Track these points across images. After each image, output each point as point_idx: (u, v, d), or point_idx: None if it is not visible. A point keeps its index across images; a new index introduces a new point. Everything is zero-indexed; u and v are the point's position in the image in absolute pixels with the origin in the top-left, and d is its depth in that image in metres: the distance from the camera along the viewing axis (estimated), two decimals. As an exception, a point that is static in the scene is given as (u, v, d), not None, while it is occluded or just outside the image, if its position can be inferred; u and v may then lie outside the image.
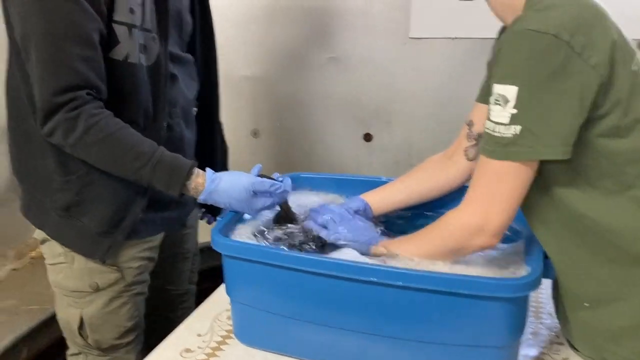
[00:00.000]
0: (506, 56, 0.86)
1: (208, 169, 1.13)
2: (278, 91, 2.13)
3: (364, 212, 1.22)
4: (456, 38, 1.94)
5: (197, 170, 1.12)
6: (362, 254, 1.06)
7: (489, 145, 0.90)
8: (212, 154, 1.45)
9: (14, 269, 2.10)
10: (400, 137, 2.07)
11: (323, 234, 1.10)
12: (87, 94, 1.04)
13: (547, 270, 0.96)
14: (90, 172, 1.13)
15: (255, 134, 2.19)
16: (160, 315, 1.52)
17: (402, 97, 2.03)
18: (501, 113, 0.86)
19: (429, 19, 1.98)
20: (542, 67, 0.83)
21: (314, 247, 1.11)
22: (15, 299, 1.90)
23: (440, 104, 2.00)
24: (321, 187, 1.39)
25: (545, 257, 0.98)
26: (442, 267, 0.98)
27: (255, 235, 1.12)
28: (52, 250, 1.22)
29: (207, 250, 1.15)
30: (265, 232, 1.14)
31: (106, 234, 1.18)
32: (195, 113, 1.36)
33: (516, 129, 0.85)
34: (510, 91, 0.85)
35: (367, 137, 2.10)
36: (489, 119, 0.89)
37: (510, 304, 0.89)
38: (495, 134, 0.87)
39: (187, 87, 1.28)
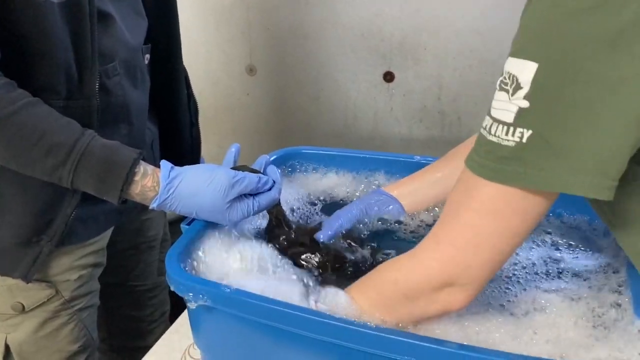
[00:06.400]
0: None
1: (164, 163, 0.78)
2: (278, 17, 1.72)
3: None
4: (507, -50, 1.50)
5: (143, 167, 0.76)
6: None
7: (478, 155, 0.55)
8: (175, 119, 1.08)
9: None
10: (429, 77, 1.68)
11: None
12: None
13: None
14: None
15: (250, 70, 1.81)
16: (125, 314, 1.22)
17: (433, 26, 1.61)
18: (505, 105, 0.52)
19: None
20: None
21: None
22: None
23: (480, 36, 1.59)
24: (330, 165, 1.03)
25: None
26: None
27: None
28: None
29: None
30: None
31: (27, 244, 0.84)
32: (147, 62, 0.98)
33: (523, 133, 0.50)
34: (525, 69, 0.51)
35: (388, 77, 1.71)
36: (488, 113, 0.54)
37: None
38: (491, 139, 0.53)
39: (130, 29, 0.88)
